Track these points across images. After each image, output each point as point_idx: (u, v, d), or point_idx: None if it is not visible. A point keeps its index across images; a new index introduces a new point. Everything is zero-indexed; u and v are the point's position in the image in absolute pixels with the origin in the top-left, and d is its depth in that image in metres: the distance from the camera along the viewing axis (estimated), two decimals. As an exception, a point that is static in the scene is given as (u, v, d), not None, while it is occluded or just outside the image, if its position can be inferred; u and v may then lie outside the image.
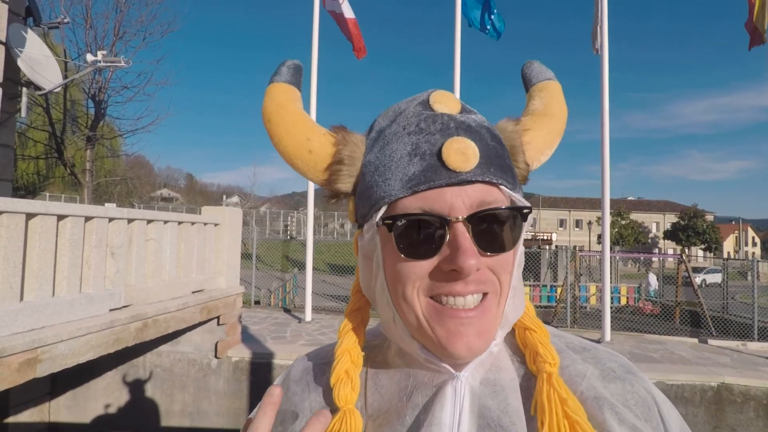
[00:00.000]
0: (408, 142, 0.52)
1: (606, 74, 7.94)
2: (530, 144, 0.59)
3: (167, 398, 5.76)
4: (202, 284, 5.56)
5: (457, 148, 0.49)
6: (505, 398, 0.52)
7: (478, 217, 0.49)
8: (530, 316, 0.58)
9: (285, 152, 0.58)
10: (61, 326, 3.37)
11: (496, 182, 0.51)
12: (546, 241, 42.11)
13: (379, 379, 0.58)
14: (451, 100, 0.55)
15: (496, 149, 0.53)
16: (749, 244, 67.41)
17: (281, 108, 0.59)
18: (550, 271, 17.29)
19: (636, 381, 0.55)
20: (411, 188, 0.50)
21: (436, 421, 0.51)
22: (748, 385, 5.75)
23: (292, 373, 0.64)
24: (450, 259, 0.48)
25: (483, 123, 0.55)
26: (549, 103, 0.64)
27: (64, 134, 13.73)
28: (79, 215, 3.70)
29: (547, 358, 0.53)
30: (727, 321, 10.25)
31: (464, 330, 0.49)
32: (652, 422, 0.51)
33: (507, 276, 0.52)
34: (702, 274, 27.74)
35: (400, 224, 0.50)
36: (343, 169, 0.56)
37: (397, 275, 0.52)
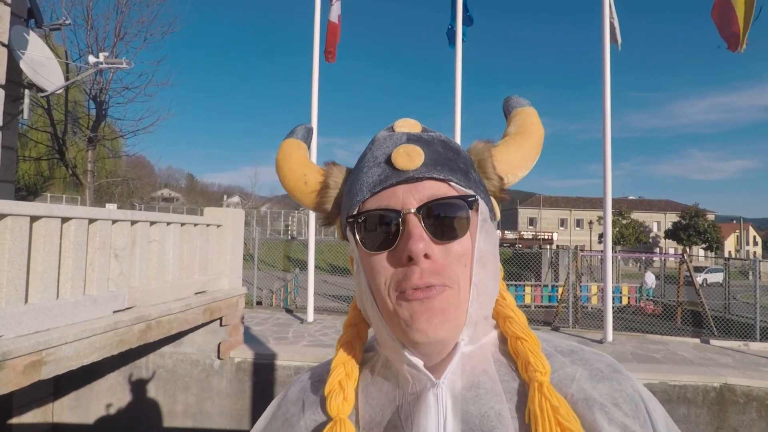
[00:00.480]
0: (372, 157, 0.60)
1: (608, 73, 7.93)
2: (499, 157, 0.65)
3: (170, 399, 5.77)
4: (204, 285, 5.57)
5: (403, 152, 0.57)
6: (487, 403, 0.55)
7: (427, 207, 0.55)
8: (521, 325, 0.60)
9: (288, 187, 0.70)
10: (66, 328, 3.38)
11: (444, 178, 0.57)
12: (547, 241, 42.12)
13: (370, 392, 0.61)
14: (413, 124, 0.63)
15: (448, 155, 0.59)
16: (750, 244, 67.33)
17: (288, 156, 0.71)
18: (551, 271, 17.29)
19: (623, 380, 0.58)
20: (370, 191, 0.57)
21: (422, 430, 0.53)
22: (750, 386, 5.75)
23: (290, 394, 0.67)
24: (404, 246, 0.53)
25: (439, 137, 0.62)
26: (522, 125, 0.70)
27: (65, 135, 13.74)
28: (82, 217, 3.71)
29: (538, 367, 0.55)
30: (729, 321, 10.24)
31: (424, 306, 0.53)
32: (639, 419, 0.54)
33: (465, 269, 0.55)
34: (703, 273, 27.71)
35: (361, 221, 0.57)
36: (329, 192, 0.66)
37: (370, 271, 0.57)
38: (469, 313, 0.55)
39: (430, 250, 0.53)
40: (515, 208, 59.47)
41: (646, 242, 53.77)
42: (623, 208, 50.64)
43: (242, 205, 42.80)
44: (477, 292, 0.56)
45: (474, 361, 0.58)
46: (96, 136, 13.88)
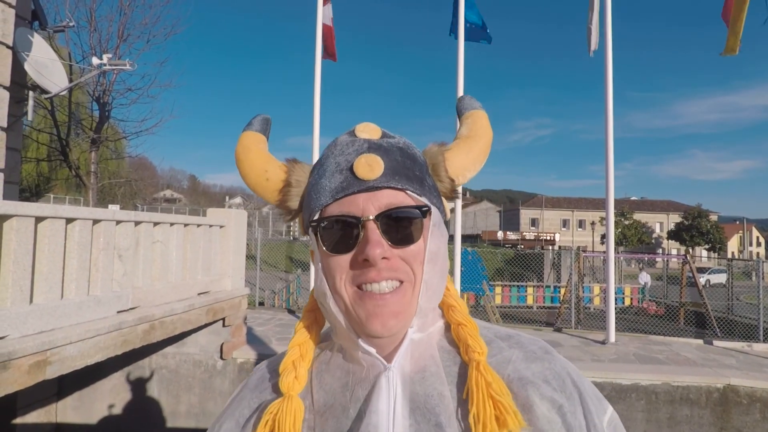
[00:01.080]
0: (334, 162, 0.64)
1: (610, 74, 7.93)
2: (451, 161, 0.69)
3: (173, 399, 5.78)
4: (207, 286, 5.58)
5: (364, 162, 0.60)
6: (432, 384, 0.61)
7: (384, 215, 0.59)
8: (462, 313, 0.67)
9: (249, 183, 0.72)
10: (70, 328, 3.40)
11: (401, 188, 0.61)
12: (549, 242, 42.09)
13: (323, 377, 0.66)
14: (374, 129, 0.66)
15: (405, 164, 0.63)
16: (753, 244, 67.04)
17: (247, 150, 0.72)
18: (553, 272, 17.26)
19: (553, 360, 0.65)
20: (333, 197, 0.61)
21: (374, 409, 0.59)
22: (754, 387, 5.72)
23: (250, 383, 0.72)
24: (362, 250, 0.58)
25: (397, 144, 0.65)
26: (472, 128, 0.74)
27: (69, 137, 13.79)
28: (87, 218, 3.73)
29: (476, 349, 0.62)
30: (732, 322, 10.20)
31: (380, 310, 0.58)
32: (566, 392, 0.61)
33: (419, 266, 0.61)
34: (706, 274, 27.60)
35: (323, 225, 0.61)
36: (291, 190, 0.68)
37: (328, 269, 0.62)
38: (420, 306, 0.61)
39: (388, 253, 0.59)
40: (517, 209, 59.39)
41: (648, 243, 53.62)
42: (625, 208, 50.55)
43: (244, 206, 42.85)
44: (426, 287, 0.62)
45: (422, 348, 0.64)
46: (99, 138, 13.93)
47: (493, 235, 45.78)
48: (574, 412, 0.60)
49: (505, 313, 13.07)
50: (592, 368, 6.10)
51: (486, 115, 0.77)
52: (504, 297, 14.80)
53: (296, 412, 0.61)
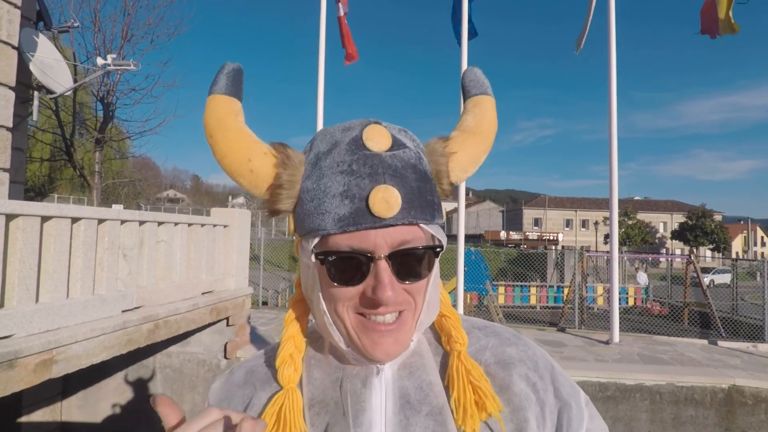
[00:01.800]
0: (341, 182, 0.57)
1: (614, 74, 7.90)
2: (454, 168, 0.65)
3: (177, 398, 5.80)
4: (211, 285, 5.60)
5: (381, 198, 0.55)
6: (419, 376, 0.63)
7: (398, 254, 0.58)
8: (446, 305, 0.69)
9: (228, 170, 0.61)
10: (76, 327, 3.41)
11: (415, 222, 0.58)
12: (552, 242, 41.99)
13: (312, 372, 0.67)
14: (383, 136, 0.59)
15: (420, 189, 0.58)
16: (758, 244, 66.67)
17: (221, 124, 0.60)
18: (556, 272, 17.23)
19: (526, 345, 0.68)
20: (341, 227, 0.56)
21: (369, 406, 0.61)
22: (759, 387, 5.70)
23: (235, 380, 0.70)
24: (373, 289, 0.57)
25: (410, 161, 0.59)
26: (480, 121, 0.69)
27: (73, 137, 13.86)
28: (92, 218, 3.74)
29: (458, 339, 0.64)
30: (737, 322, 10.16)
31: (383, 340, 0.60)
32: (538, 371, 0.65)
33: (421, 297, 0.62)
34: (710, 274, 27.50)
35: (332, 259, 0.58)
36: (282, 192, 0.60)
37: (330, 296, 0.61)
38: (420, 322, 0.63)
39: (396, 290, 0.58)
40: (520, 209, 59.27)
41: (652, 243, 53.41)
42: (629, 208, 50.37)
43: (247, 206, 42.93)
44: (428, 306, 0.63)
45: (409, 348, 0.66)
46: (103, 138, 13.99)
47: (496, 235, 45.69)
48: (546, 389, 0.64)
49: (509, 313, 13.05)
50: (595, 368, 6.09)
51: (494, 103, 0.71)
52: (507, 297, 14.79)
53: (299, 404, 0.62)
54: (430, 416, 0.60)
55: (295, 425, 0.60)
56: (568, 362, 6.39)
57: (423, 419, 0.60)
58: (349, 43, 8.96)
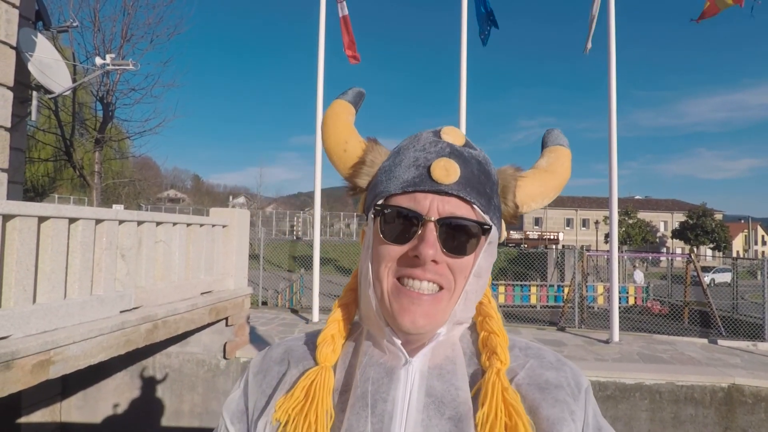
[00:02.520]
0: (412, 156, 0.65)
1: (613, 72, 7.89)
2: (522, 188, 0.71)
3: (176, 399, 5.80)
4: (210, 285, 5.59)
5: (442, 166, 0.62)
6: (449, 380, 0.64)
7: (447, 221, 0.61)
8: (498, 324, 0.69)
9: (327, 147, 0.73)
10: (73, 328, 3.41)
11: (470, 200, 0.62)
12: (553, 241, 41.92)
13: (347, 359, 0.69)
14: (459, 135, 0.67)
15: (480, 178, 0.64)
16: (759, 243, 66.59)
17: (336, 116, 0.74)
18: (557, 271, 17.22)
19: (567, 369, 0.68)
20: (403, 188, 0.63)
21: (391, 399, 0.62)
22: (759, 386, 5.69)
23: (273, 355, 0.73)
24: (416, 246, 0.60)
25: (477, 157, 0.66)
26: (553, 163, 0.76)
27: (72, 137, 13.86)
28: (89, 218, 3.74)
29: (501, 358, 0.64)
30: (737, 321, 10.14)
31: (413, 308, 0.60)
32: (578, 400, 0.65)
33: (462, 279, 0.63)
34: (711, 273, 27.48)
35: (387, 212, 0.63)
36: (364, 168, 0.70)
37: (377, 254, 0.64)
38: (455, 312, 0.64)
39: (439, 257, 0.60)
40: (520, 208, 59.16)
41: (652, 242, 53.36)
42: (630, 207, 50.31)
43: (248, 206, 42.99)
44: (465, 298, 0.64)
45: (443, 347, 0.67)
46: (103, 138, 13.99)
47: (497, 234, 45.61)
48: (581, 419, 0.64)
49: (509, 312, 13.04)
50: (595, 368, 6.08)
51: (570, 155, 0.78)
52: (507, 296, 14.78)
53: (330, 383, 0.64)
54: (452, 421, 0.60)
55: (322, 402, 0.62)
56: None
57: (445, 422, 0.60)
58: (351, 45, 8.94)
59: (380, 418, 0.60)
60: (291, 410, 0.62)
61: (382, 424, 0.60)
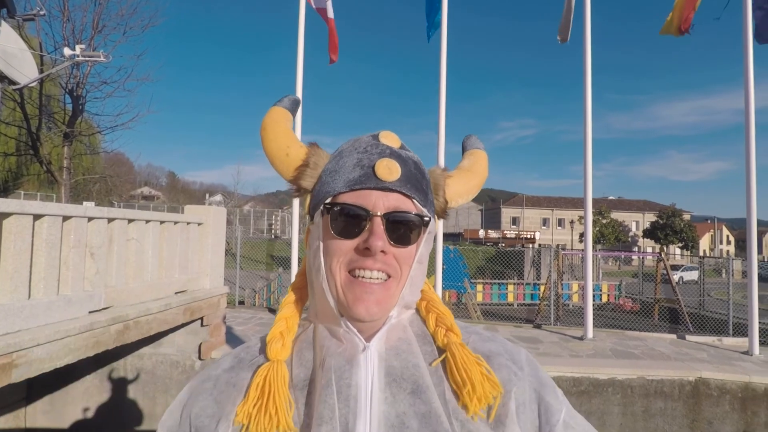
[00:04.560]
0: (356, 157, 0.70)
1: (588, 76, 8.06)
2: (450, 186, 0.79)
3: (149, 401, 5.64)
4: (185, 285, 5.46)
5: (385, 165, 0.68)
6: (406, 358, 0.69)
7: (391, 215, 0.67)
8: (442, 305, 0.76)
9: (269, 153, 0.77)
10: (38, 329, 3.27)
11: (410, 195, 0.69)
12: (530, 240, 42.67)
13: (303, 354, 0.72)
14: (395, 139, 0.74)
15: (417, 176, 0.71)
16: (724, 243, 69.35)
17: (275, 123, 0.78)
18: (533, 270, 17.52)
19: (504, 342, 0.77)
20: (349, 187, 0.68)
21: (354, 383, 0.65)
22: (723, 380, 5.91)
23: (223, 364, 0.75)
24: (366, 239, 0.65)
25: (413, 157, 0.73)
26: (474, 164, 0.86)
27: (39, 130, 13.33)
28: (56, 215, 3.59)
29: (456, 332, 0.72)
30: (704, 317, 10.53)
31: (366, 297, 0.66)
32: (518, 363, 0.73)
33: (407, 267, 0.69)
34: (680, 271, 28.43)
35: (336, 209, 0.68)
36: (307, 171, 0.74)
37: (328, 250, 0.68)
38: (402, 296, 0.70)
39: (387, 248, 0.66)
40: (499, 208, 60.06)
41: (625, 241, 54.90)
42: (603, 207, 51.59)
43: (225, 204, 42.23)
44: (411, 282, 0.70)
45: (396, 331, 0.72)
46: (72, 132, 13.51)
47: (475, 233, 46.20)
48: (524, 378, 0.71)
49: (487, 310, 13.20)
50: (570, 364, 6.20)
51: (486, 157, 0.88)
52: (485, 294, 14.96)
53: (284, 375, 0.67)
54: (415, 394, 0.66)
55: (279, 393, 0.64)
56: (543, 358, 6.49)
57: (408, 396, 0.65)
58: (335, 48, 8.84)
59: (346, 402, 0.64)
60: (251, 409, 0.64)
61: (348, 407, 0.63)
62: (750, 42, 7.24)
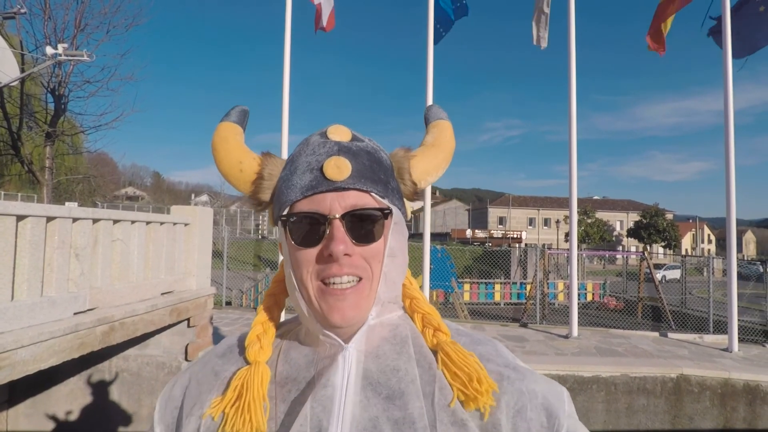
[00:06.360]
0: (305, 161, 0.67)
1: (573, 77, 8.19)
2: (416, 167, 0.74)
3: (135, 403, 5.58)
4: (171, 285, 5.42)
5: (333, 164, 0.65)
6: (384, 361, 0.67)
7: (350, 215, 0.64)
8: (427, 303, 0.75)
9: (223, 171, 0.74)
10: (22, 331, 3.22)
11: (366, 190, 0.66)
12: (516, 240, 43.01)
13: (290, 354, 0.71)
14: (345, 132, 0.70)
15: (372, 167, 0.67)
16: (705, 242, 70.83)
17: (224, 141, 0.75)
18: (520, 269, 17.67)
19: (495, 343, 0.74)
20: (302, 193, 0.65)
21: (330, 383, 0.64)
22: (704, 376, 6.06)
23: (217, 350, 0.76)
24: (327, 245, 0.63)
25: (365, 148, 0.69)
26: (438, 137, 0.80)
27: (20, 130, 13.06)
28: (40, 215, 3.54)
29: (444, 330, 0.70)
30: (686, 315, 10.76)
31: (340, 304, 0.64)
32: (509, 365, 0.69)
33: (377, 264, 0.66)
34: (662, 270, 28.97)
35: (293, 220, 0.66)
36: (263, 183, 0.71)
37: (295, 261, 0.66)
38: (378, 295, 0.67)
39: (350, 249, 0.63)
40: (485, 208, 60.48)
41: (609, 241, 55.72)
42: (588, 207, 52.32)
43: (211, 204, 41.79)
44: (385, 279, 0.68)
45: (377, 331, 0.69)
46: (54, 132, 13.26)
47: (462, 233, 46.44)
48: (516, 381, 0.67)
49: (474, 309, 13.30)
50: (555, 362, 6.30)
51: (451, 126, 0.82)
52: (472, 294, 15.05)
53: (263, 376, 0.66)
54: (390, 399, 0.64)
55: (256, 395, 0.64)
56: (529, 356, 6.58)
57: (383, 401, 0.63)
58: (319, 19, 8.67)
59: (320, 402, 0.63)
60: (228, 409, 0.65)
61: (323, 407, 0.63)
62: (729, 44, 7.43)
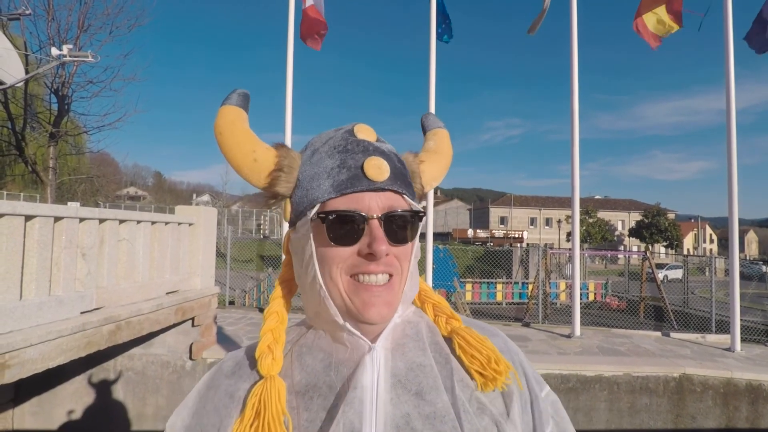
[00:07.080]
0: (337, 158, 0.67)
1: (575, 75, 8.19)
2: (426, 172, 0.78)
3: (139, 402, 5.62)
4: (176, 285, 5.45)
5: (375, 164, 0.65)
6: (411, 357, 0.68)
7: (388, 216, 0.66)
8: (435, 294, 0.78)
9: (234, 161, 0.69)
10: (30, 330, 3.26)
11: (401, 192, 0.68)
12: (517, 239, 42.99)
13: (304, 359, 0.70)
14: (371, 132, 0.71)
15: (401, 170, 0.70)
16: (707, 241, 70.69)
17: (232, 125, 0.69)
18: (521, 269, 17.67)
19: (506, 339, 0.78)
20: (339, 191, 0.65)
21: (360, 385, 0.64)
22: (706, 375, 6.06)
23: (224, 368, 0.73)
24: (368, 245, 0.64)
25: (392, 150, 0.72)
26: (439, 144, 0.83)
27: (24, 130, 13.12)
28: (48, 215, 3.57)
29: (456, 317, 0.74)
30: (688, 315, 10.75)
31: (375, 300, 0.65)
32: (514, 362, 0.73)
33: (407, 263, 0.69)
34: (664, 270, 28.93)
35: (332, 218, 0.65)
36: (282, 175, 0.69)
37: (325, 259, 0.66)
38: (405, 293, 0.70)
39: (388, 249, 0.65)
40: (487, 208, 60.43)
41: (611, 240, 55.63)
42: (590, 207, 52.23)
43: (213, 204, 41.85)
44: (411, 278, 0.70)
45: (400, 329, 0.71)
46: (58, 132, 13.32)
47: (464, 233, 46.44)
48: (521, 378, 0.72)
49: (476, 309, 13.32)
50: (558, 361, 6.31)
51: (448, 134, 0.86)
52: (474, 293, 15.06)
53: (280, 390, 0.64)
54: (419, 395, 0.65)
55: (275, 411, 0.62)
56: (532, 356, 6.60)
57: (413, 398, 0.64)
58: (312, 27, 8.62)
59: (351, 404, 0.62)
60: (248, 429, 0.62)
61: (354, 409, 0.62)
62: (731, 43, 7.42)
